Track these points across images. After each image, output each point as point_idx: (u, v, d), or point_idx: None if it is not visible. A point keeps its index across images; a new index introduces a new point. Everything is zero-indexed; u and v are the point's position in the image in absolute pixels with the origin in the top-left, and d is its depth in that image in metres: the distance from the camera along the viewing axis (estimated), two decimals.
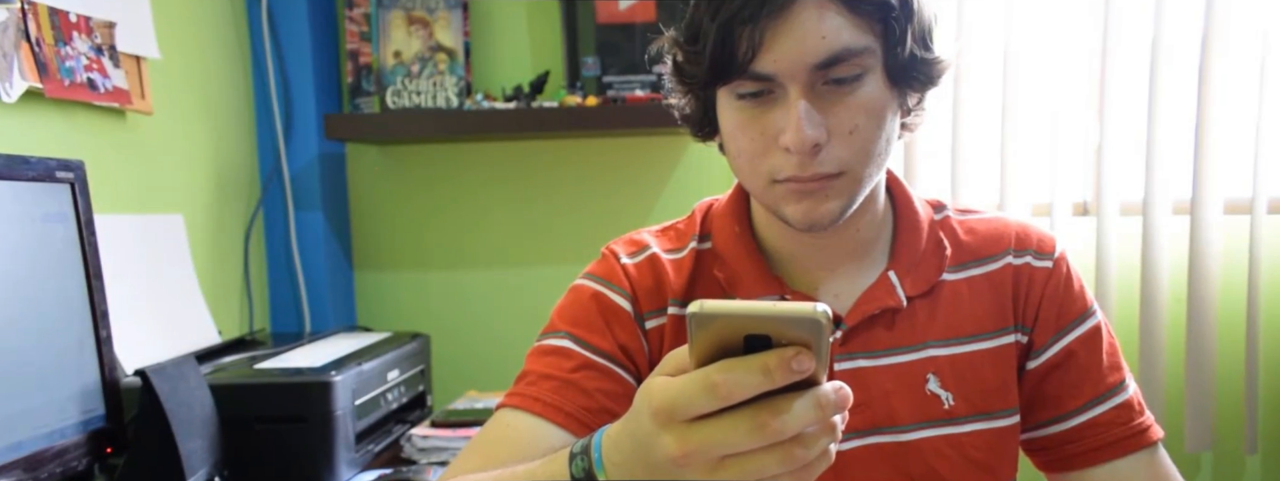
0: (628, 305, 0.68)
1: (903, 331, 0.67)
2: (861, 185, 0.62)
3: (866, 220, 0.67)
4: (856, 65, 0.58)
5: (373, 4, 1.38)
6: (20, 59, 0.86)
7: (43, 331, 0.75)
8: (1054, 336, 0.69)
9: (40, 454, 0.73)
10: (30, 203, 0.75)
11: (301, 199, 1.38)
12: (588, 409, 0.65)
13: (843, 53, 0.57)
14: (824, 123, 0.59)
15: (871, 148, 0.60)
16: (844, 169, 0.60)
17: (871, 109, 0.59)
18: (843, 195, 0.61)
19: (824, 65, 0.58)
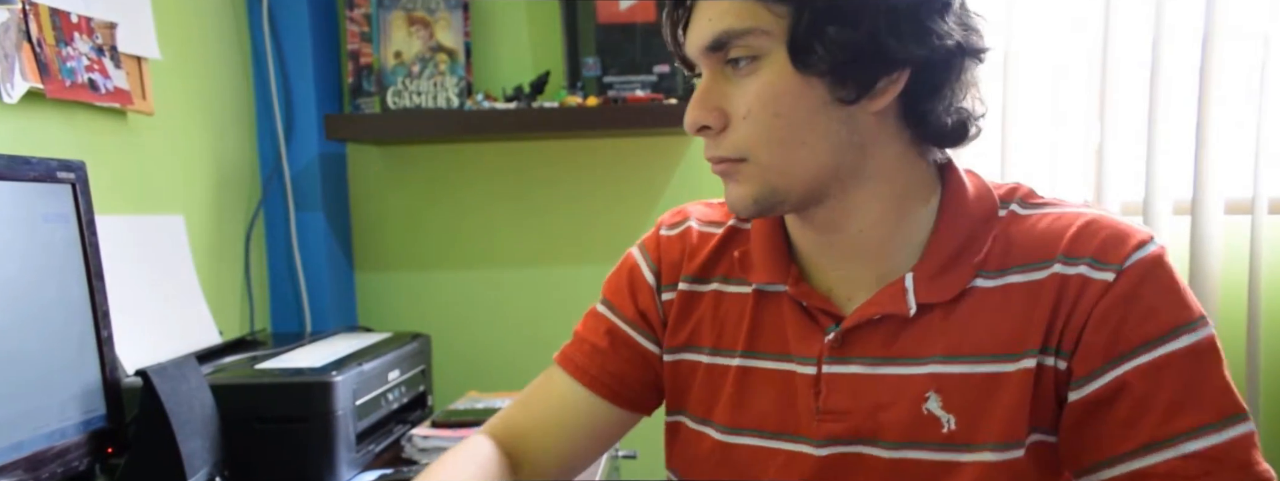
0: (652, 277, 0.73)
1: (909, 341, 0.61)
2: (774, 173, 0.59)
3: (871, 219, 0.62)
4: (745, 48, 0.57)
5: (373, 4, 1.39)
6: (21, 59, 0.86)
7: (44, 332, 0.75)
8: (1103, 365, 0.57)
9: (41, 454, 0.74)
10: (31, 203, 0.75)
11: (302, 199, 1.39)
12: (610, 373, 0.73)
13: (723, 36, 0.57)
14: (719, 106, 0.59)
15: (771, 134, 0.58)
16: (742, 154, 0.59)
17: (765, 94, 0.57)
18: (752, 182, 0.59)
19: (712, 48, 0.58)
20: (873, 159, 0.60)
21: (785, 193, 0.59)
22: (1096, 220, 0.60)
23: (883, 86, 0.57)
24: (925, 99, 0.59)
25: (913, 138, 0.61)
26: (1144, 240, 0.59)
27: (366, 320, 1.50)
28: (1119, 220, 0.60)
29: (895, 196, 0.62)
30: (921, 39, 0.56)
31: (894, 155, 0.61)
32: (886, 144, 0.60)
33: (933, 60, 0.57)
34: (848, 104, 0.57)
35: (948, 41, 0.57)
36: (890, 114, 0.59)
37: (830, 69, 0.56)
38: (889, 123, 0.60)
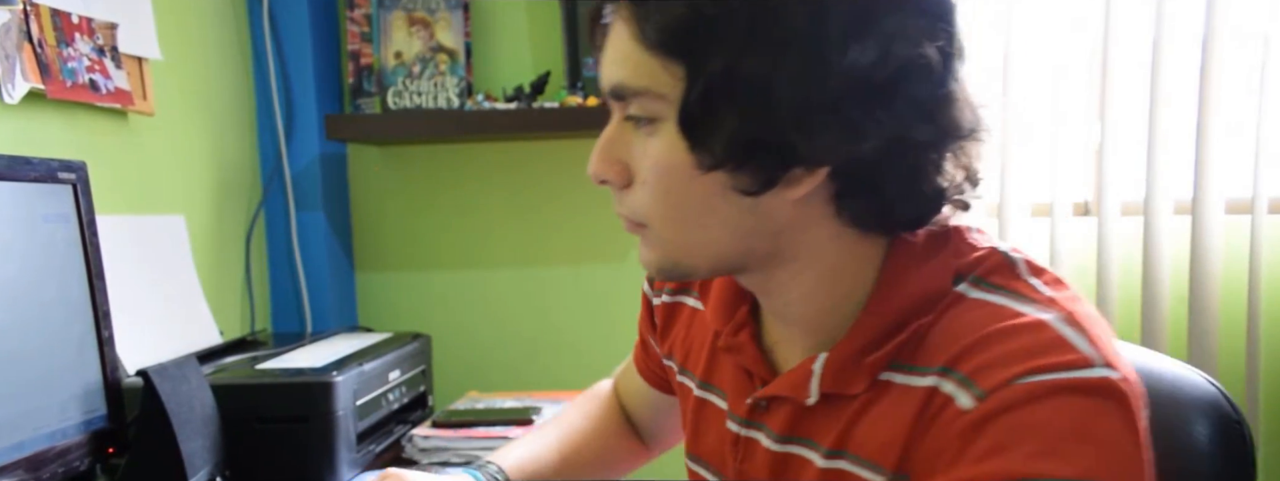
0: (649, 288, 0.74)
1: (811, 424, 0.54)
2: (677, 249, 0.51)
3: (797, 294, 0.53)
4: (640, 107, 0.49)
5: (374, 4, 1.39)
6: (23, 60, 0.86)
7: (45, 332, 0.76)
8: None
9: (42, 454, 0.74)
10: (32, 203, 0.76)
11: (303, 199, 1.39)
12: (648, 366, 0.77)
13: (618, 89, 0.49)
14: (622, 159, 0.51)
15: (666, 211, 0.50)
16: (642, 220, 0.52)
17: (659, 166, 0.49)
18: (655, 248, 0.53)
19: (613, 97, 0.50)
20: (792, 244, 0.51)
21: (690, 268, 0.53)
22: (1032, 327, 0.46)
23: (797, 177, 0.47)
24: (857, 195, 0.49)
25: (853, 220, 0.51)
26: (1058, 364, 0.44)
27: (367, 320, 1.50)
28: (1072, 334, 0.45)
29: (826, 275, 0.52)
30: (841, 137, 0.45)
31: (824, 238, 0.51)
32: (810, 228, 0.50)
33: (860, 158, 0.46)
34: (751, 195, 0.48)
35: (880, 137, 0.46)
36: (818, 198, 0.49)
37: (725, 158, 0.46)
38: (817, 208, 0.50)
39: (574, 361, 1.47)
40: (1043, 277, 0.50)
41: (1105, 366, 0.44)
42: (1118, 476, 0.42)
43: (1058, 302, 0.48)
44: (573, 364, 1.47)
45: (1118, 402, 0.44)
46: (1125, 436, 0.43)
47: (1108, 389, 0.44)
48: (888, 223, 0.51)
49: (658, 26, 0.46)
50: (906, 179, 0.49)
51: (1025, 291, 0.49)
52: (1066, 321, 0.46)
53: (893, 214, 0.50)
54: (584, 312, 1.47)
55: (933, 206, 0.51)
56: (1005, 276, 0.50)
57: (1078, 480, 0.42)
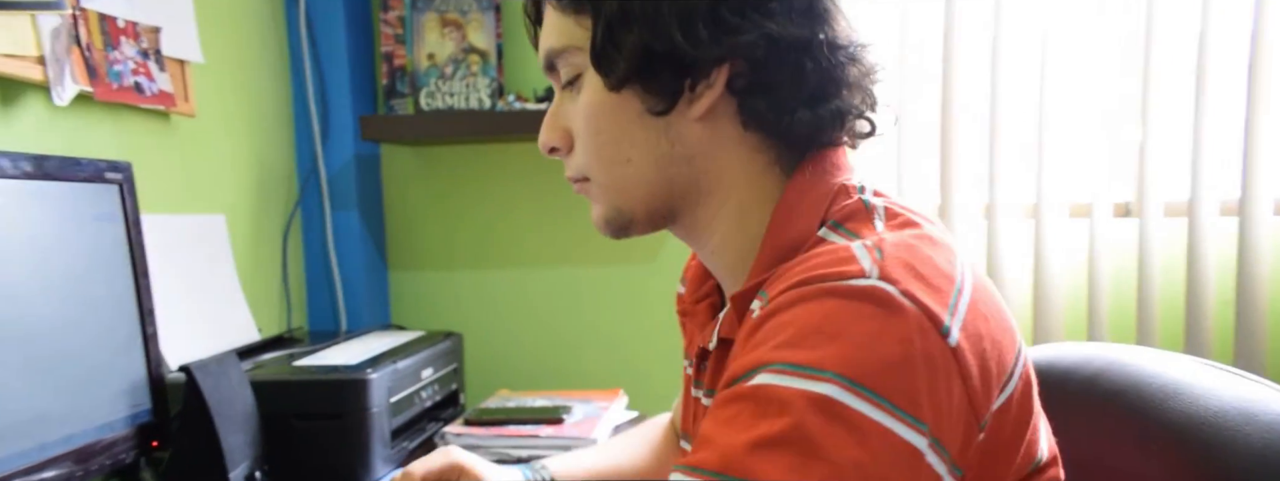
0: (681, 286, 0.73)
1: (720, 372, 0.55)
2: (613, 193, 0.57)
3: (718, 237, 0.57)
4: (569, 66, 0.57)
5: (407, 6, 1.40)
6: (71, 63, 0.89)
7: (94, 328, 0.78)
8: None
9: (91, 446, 0.76)
10: (82, 203, 0.78)
11: (338, 199, 1.41)
12: None
13: (548, 55, 0.58)
14: (566, 126, 0.58)
15: (599, 152, 0.56)
16: (584, 174, 0.58)
17: (586, 112, 0.56)
18: (599, 201, 0.58)
19: (547, 69, 0.59)
20: (706, 172, 0.56)
21: (629, 212, 0.58)
22: (831, 250, 0.48)
23: (699, 92, 0.53)
24: (757, 99, 0.54)
25: (759, 144, 0.55)
26: (829, 274, 0.46)
27: (399, 318, 1.52)
28: (861, 254, 0.47)
29: (737, 213, 0.56)
30: (724, 36, 0.52)
31: (733, 165, 0.56)
32: (720, 153, 0.55)
33: (752, 57, 0.52)
34: (661, 115, 0.54)
35: (763, 35, 0.51)
36: (724, 120, 0.55)
37: (631, 78, 0.53)
38: (723, 130, 0.55)
39: (604, 360, 1.48)
40: (893, 221, 0.52)
41: (881, 280, 0.46)
42: (855, 370, 0.43)
43: (880, 235, 0.51)
44: (603, 363, 1.48)
45: (880, 308, 0.45)
46: (877, 339, 0.44)
47: (871, 295, 0.45)
48: (789, 134, 0.55)
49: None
50: (794, 80, 0.53)
51: (863, 231, 0.52)
52: (868, 246, 0.48)
53: (792, 121, 0.54)
54: (614, 312, 1.47)
55: (831, 122, 0.55)
56: (857, 221, 0.53)
57: (805, 366, 0.43)
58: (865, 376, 0.43)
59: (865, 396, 0.42)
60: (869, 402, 0.42)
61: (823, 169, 0.55)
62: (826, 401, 0.42)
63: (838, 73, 0.54)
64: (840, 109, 0.55)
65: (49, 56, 0.86)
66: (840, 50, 0.54)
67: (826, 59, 0.53)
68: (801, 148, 0.56)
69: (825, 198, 0.54)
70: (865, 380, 0.43)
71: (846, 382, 0.42)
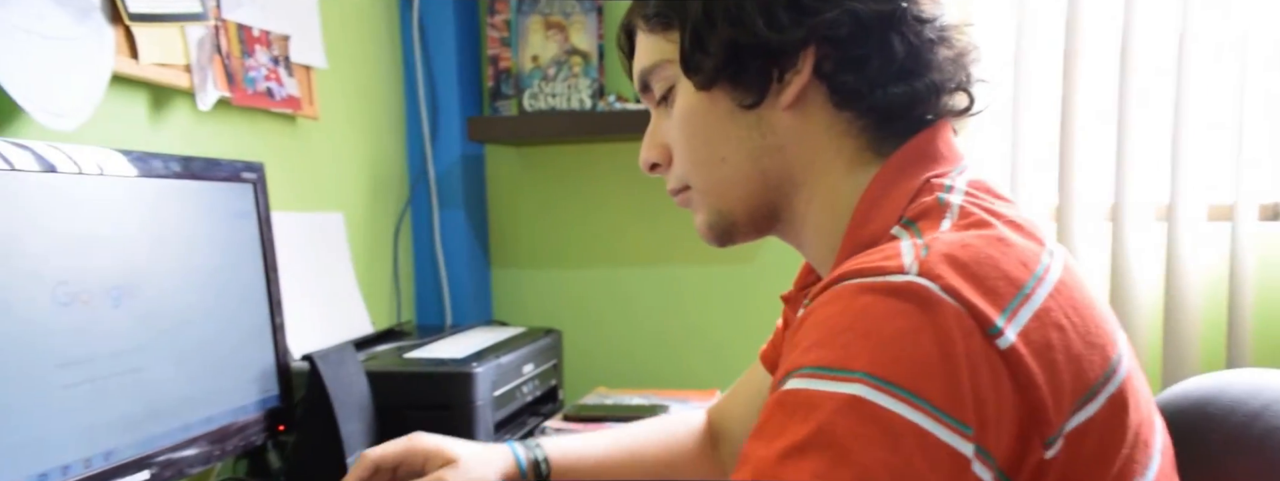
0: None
1: None
2: (713, 197, 0.59)
3: (812, 232, 0.58)
4: (661, 81, 0.59)
5: (513, 10, 1.44)
6: (213, 71, 0.95)
7: (231, 318, 0.83)
8: None
9: (227, 428, 0.81)
10: (221, 201, 0.84)
11: (445, 198, 1.46)
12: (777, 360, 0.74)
13: (642, 76, 0.60)
14: (663, 142, 0.61)
15: (695, 156, 0.58)
16: (685, 183, 0.60)
17: (682, 120, 0.58)
18: (700, 209, 0.60)
19: (642, 90, 0.61)
20: (798, 159, 0.56)
21: (731, 214, 0.59)
22: (881, 249, 0.47)
23: (787, 79, 0.54)
24: (846, 76, 0.53)
25: (851, 126, 0.55)
26: (867, 269, 0.44)
27: (501, 314, 1.56)
28: (906, 250, 0.45)
29: (828, 203, 0.56)
30: (806, 18, 0.52)
31: (825, 151, 0.55)
32: (811, 139, 0.55)
33: (836, 37, 0.52)
34: (752, 108, 0.55)
35: (845, 11, 0.52)
36: (814, 105, 0.55)
37: (719, 74, 0.55)
38: (814, 115, 0.55)
39: (701, 360, 1.48)
40: (964, 221, 0.49)
41: (921, 276, 0.43)
42: (887, 369, 0.41)
43: (940, 234, 0.48)
44: (700, 363, 1.47)
45: (915, 304, 0.42)
46: (911, 336, 0.41)
47: (906, 290, 0.43)
48: (884, 110, 0.54)
49: (653, 8, 0.57)
50: (883, 54, 0.53)
51: (928, 231, 0.49)
52: (918, 244, 0.46)
53: (886, 95, 0.53)
54: (712, 312, 1.47)
55: (927, 95, 0.54)
56: (927, 220, 0.50)
57: (832, 367, 0.41)
58: (898, 375, 0.40)
59: (898, 395, 0.40)
60: (903, 402, 0.40)
61: (914, 159, 0.54)
62: (856, 402, 0.40)
63: (927, 46, 0.54)
64: (935, 82, 0.54)
65: (194, 65, 0.92)
66: (927, 23, 0.54)
67: (914, 31, 0.53)
68: (898, 126, 0.55)
69: (908, 193, 0.52)
70: (898, 378, 0.40)
71: (877, 381, 0.40)
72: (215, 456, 0.80)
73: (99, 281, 0.68)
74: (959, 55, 0.55)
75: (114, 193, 0.71)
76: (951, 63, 0.54)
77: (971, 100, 0.56)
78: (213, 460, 0.79)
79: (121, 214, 0.71)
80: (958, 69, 0.55)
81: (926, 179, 0.52)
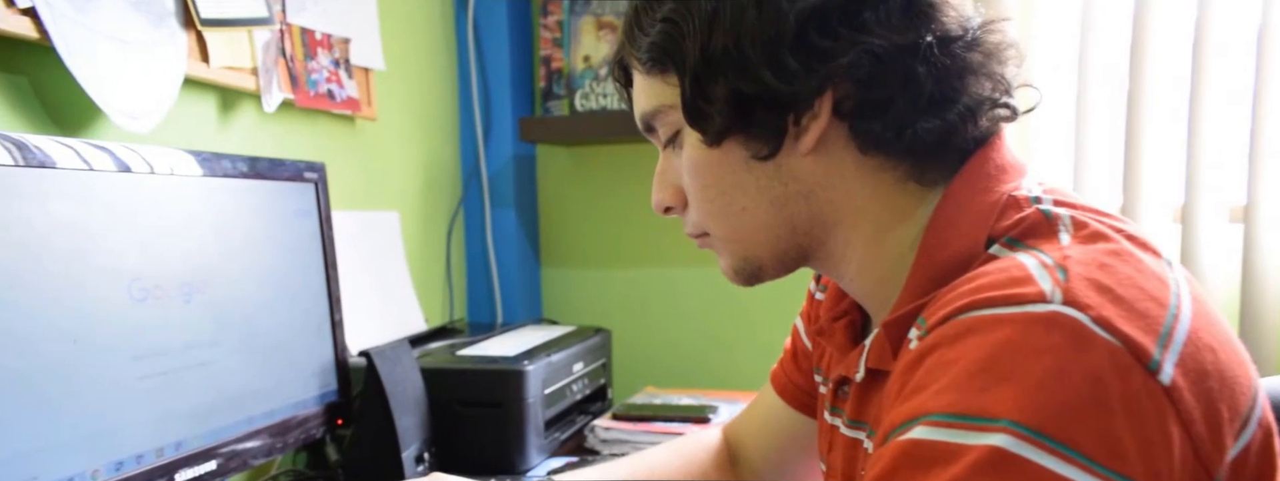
0: (814, 284, 0.71)
1: (866, 405, 0.54)
2: (735, 243, 0.55)
3: (854, 268, 0.54)
4: (666, 125, 0.55)
5: (565, 11, 1.45)
6: (278, 73, 0.98)
7: (294, 314, 0.86)
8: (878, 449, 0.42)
9: (288, 421, 0.84)
10: (284, 200, 0.86)
11: (497, 197, 1.48)
12: (795, 383, 0.72)
13: (644, 119, 0.56)
14: (676, 184, 0.57)
15: (710, 207, 0.54)
16: (702, 229, 0.56)
17: (690, 169, 0.54)
18: (724, 254, 0.56)
19: (646, 132, 0.57)
20: (828, 203, 0.52)
21: (756, 259, 0.55)
22: (1002, 268, 0.42)
23: (804, 125, 0.50)
24: (870, 122, 0.49)
25: (883, 163, 0.51)
26: (999, 299, 0.40)
27: (550, 313, 1.57)
28: (1040, 273, 0.41)
29: (872, 237, 0.52)
30: (818, 64, 0.47)
31: (857, 191, 0.51)
32: (839, 182, 0.51)
33: (855, 78, 0.47)
34: (767, 158, 0.51)
35: (862, 52, 0.47)
36: (836, 146, 0.50)
37: (729, 129, 0.50)
38: (838, 157, 0.51)
39: (750, 361, 1.46)
40: (1082, 232, 0.45)
41: (1066, 304, 0.38)
42: (1034, 416, 0.36)
43: (1065, 249, 0.43)
44: (749, 363, 1.46)
45: (1064, 339, 0.37)
46: (1060, 376, 0.37)
47: (1052, 323, 0.38)
48: (916, 147, 0.49)
49: (645, 50, 0.52)
50: (908, 90, 0.48)
51: (1045, 247, 0.44)
52: (1048, 264, 0.41)
53: (916, 133, 0.48)
54: (761, 312, 1.46)
55: (962, 124, 0.49)
56: (1039, 236, 0.46)
57: (969, 415, 0.36)
58: (1047, 422, 0.36)
59: (1048, 447, 0.35)
60: (1054, 455, 0.35)
61: (985, 174, 0.50)
62: (998, 455, 0.35)
63: (958, 67, 0.48)
64: (969, 106, 0.49)
65: (261, 67, 0.95)
66: (955, 42, 0.48)
67: (940, 59, 0.48)
68: (935, 156, 0.50)
69: (990, 210, 0.48)
70: (1047, 427, 0.36)
71: (1024, 431, 0.36)
72: (277, 448, 0.82)
73: (171, 277, 0.71)
74: (990, 59, 0.50)
75: (185, 192, 0.73)
76: (985, 73, 0.49)
77: (1014, 111, 0.51)
78: (275, 452, 0.82)
79: (191, 212, 0.74)
80: (993, 81, 0.50)
81: (1006, 194, 0.49)
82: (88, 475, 0.63)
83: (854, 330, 0.59)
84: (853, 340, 0.58)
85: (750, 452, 0.76)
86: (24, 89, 0.73)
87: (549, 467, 0.95)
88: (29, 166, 0.60)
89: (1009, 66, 0.51)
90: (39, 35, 0.69)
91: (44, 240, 0.61)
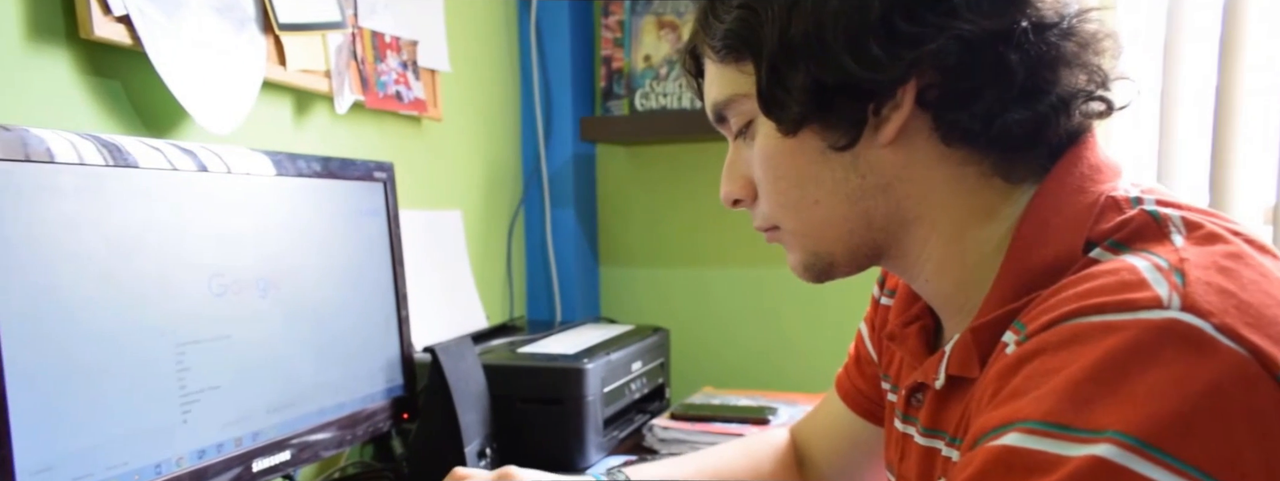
0: (877, 289, 0.69)
1: (944, 413, 0.52)
2: (805, 238, 0.53)
3: (932, 267, 0.52)
4: (738, 115, 0.53)
5: (627, 11, 1.46)
6: (350, 76, 1.01)
7: (363, 310, 0.88)
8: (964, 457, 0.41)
9: (356, 414, 0.86)
10: (354, 199, 0.88)
11: (557, 197, 1.49)
12: (858, 388, 0.71)
13: (716, 109, 0.54)
14: (746, 175, 0.55)
15: (783, 199, 0.52)
16: (773, 222, 0.55)
17: (763, 159, 0.52)
18: (794, 248, 0.55)
19: (717, 121, 0.56)
20: (907, 198, 0.50)
21: (828, 255, 0.53)
22: (1112, 271, 0.40)
23: (885, 115, 0.47)
24: (956, 112, 0.47)
25: (968, 156, 0.48)
26: (1111, 304, 0.37)
27: (608, 312, 1.58)
28: (1155, 277, 0.38)
29: (953, 236, 0.50)
30: (903, 50, 0.45)
31: (938, 185, 0.49)
32: (920, 176, 0.49)
33: (942, 66, 0.45)
34: (845, 149, 0.49)
35: (951, 38, 0.44)
36: (919, 138, 0.48)
37: (806, 118, 0.48)
38: (920, 149, 0.48)
39: (810, 362, 1.45)
40: (1196, 234, 0.42)
41: (1186, 311, 0.36)
42: (1145, 428, 0.33)
43: (1181, 252, 0.40)
44: (809, 365, 1.45)
45: (1184, 348, 0.35)
46: (1175, 387, 0.34)
47: (1171, 331, 0.35)
48: (1003, 140, 0.47)
49: (720, 37, 0.51)
50: (998, 79, 0.45)
51: (1159, 250, 0.41)
52: (1164, 268, 0.38)
53: (1005, 125, 0.46)
54: (821, 314, 1.44)
55: (1054, 117, 0.47)
56: (1148, 239, 0.43)
57: (1072, 426, 0.34)
58: (1159, 434, 0.33)
59: (1159, 459, 0.33)
60: (1165, 468, 0.33)
61: (1079, 174, 0.47)
62: (1102, 466, 0.33)
63: (1052, 55, 0.46)
64: (1062, 98, 0.46)
65: (334, 70, 0.98)
66: (1050, 30, 0.46)
67: (1035, 46, 0.45)
68: (1023, 151, 0.48)
69: (1087, 211, 0.46)
70: (1159, 439, 0.33)
71: (1130, 441, 0.33)
72: (346, 441, 0.84)
73: (248, 273, 0.74)
74: (1084, 49, 0.47)
75: (261, 191, 0.76)
76: (1080, 64, 0.47)
77: (1109, 106, 0.49)
78: (344, 444, 0.84)
79: (267, 211, 0.77)
80: (1089, 71, 0.47)
81: (1104, 194, 0.46)
82: (173, 462, 0.66)
83: (927, 335, 0.57)
84: (927, 346, 0.56)
85: (816, 457, 0.76)
86: (117, 93, 0.77)
87: (608, 466, 0.95)
88: (120, 167, 0.63)
89: (1105, 58, 0.48)
90: (132, 41, 0.73)
91: (135, 238, 0.64)
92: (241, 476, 0.71)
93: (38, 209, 0.57)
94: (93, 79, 0.74)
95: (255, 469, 0.73)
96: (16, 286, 0.55)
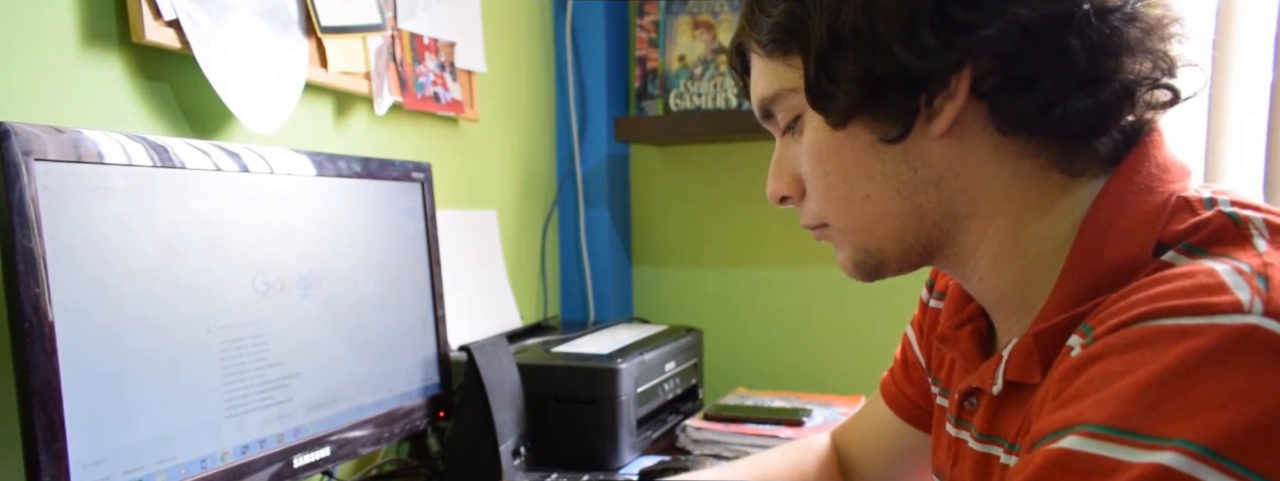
0: (926, 292, 0.69)
1: (1001, 418, 0.50)
2: (855, 235, 0.51)
3: (986, 265, 0.50)
4: (785, 110, 0.52)
5: (662, 11, 1.45)
6: (389, 77, 1.02)
7: (400, 309, 0.89)
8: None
9: (394, 412, 0.87)
10: (392, 198, 0.90)
11: (591, 197, 1.50)
12: (904, 393, 0.70)
13: (763, 104, 0.53)
14: (793, 171, 0.54)
15: (831, 194, 0.51)
16: (821, 219, 0.53)
17: (811, 153, 0.51)
18: (844, 246, 0.53)
19: (763, 118, 0.55)
20: (962, 192, 0.48)
21: (878, 252, 0.52)
22: (1189, 273, 0.38)
23: (937, 105, 0.46)
24: (1014, 99, 0.45)
25: (1026, 147, 0.46)
26: (1187, 307, 0.36)
27: (641, 312, 1.58)
28: (1236, 281, 0.37)
29: (1011, 231, 0.48)
30: (958, 37, 0.43)
31: (995, 178, 0.47)
32: (975, 168, 0.47)
33: (1002, 52, 0.43)
34: (896, 141, 0.47)
35: (1009, 23, 0.42)
36: (974, 128, 0.46)
37: (856, 110, 0.47)
38: (975, 140, 0.47)
39: (844, 363, 1.43)
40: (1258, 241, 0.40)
41: (1269, 316, 0.34)
42: (1217, 437, 0.31)
43: (1264, 257, 0.38)
44: (843, 366, 1.43)
45: (1262, 355, 0.33)
46: (1252, 395, 0.32)
47: (1249, 337, 0.34)
48: (1063, 129, 0.45)
49: (767, 32, 0.50)
50: (1059, 65, 0.43)
51: (1240, 254, 0.39)
52: (1246, 272, 0.36)
53: (1066, 113, 0.44)
54: (855, 314, 1.42)
55: (1118, 105, 0.45)
56: (1227, 242, 0.41)
57: (1136, 431, 0.32)
58: (1229, 444, 0.32)
59: (1228, 469, 0.32)
60: (1233, 478, 0.32)
61: (1147, 172, 0.45)
62: (1166, 476, 0.32)
63: (1115, 41, 0.44)
64: (1125, 86, 0.44)
65: (373, 72, 1.00)
66: (1114, 13, 0.43)
67: (1096, 30, 0.43)
68: (1084, 142, 0.46)
69: (1158, 212, 0.44)
70: (1228, 449, 0.32)
71: (1199, 450, 0.32)
72: (384, 438, 0.86)
73: (289, 272, 0.75)
74: (1149, 35, 0.44)
75: (302, 191, 0.78)
76: (1144, 50, 0.44)
77: (1176, 95, 0.46)
78: (382, 441, 0.85)
79: (308, 210, 0.78)
80: (1154, 57, 0.45)
81: (1175, 195, 0.44)
82: (218, 456, 0.68)
83: (980, 337, 0.55)
84: (980, 348, 0.55)
85: (860, 463, 0.74)
86: (166, 95, 0.79)
87: (641, 466, 0.95)
88: (167, 167, 0.65)
89: (1171, 44, 0.45)
90: (181, 45, 0.75)
91: (182, 237, 0.65)
92: (282, 471, 0.73)
93: (90, 208, 0.59)
94: (143, 82, 0.76)
95: (296, 464, 0.74)
96: (71, 284, 0.57)
